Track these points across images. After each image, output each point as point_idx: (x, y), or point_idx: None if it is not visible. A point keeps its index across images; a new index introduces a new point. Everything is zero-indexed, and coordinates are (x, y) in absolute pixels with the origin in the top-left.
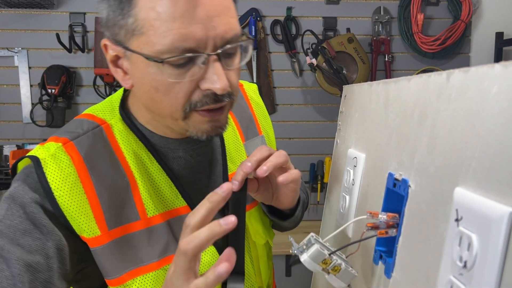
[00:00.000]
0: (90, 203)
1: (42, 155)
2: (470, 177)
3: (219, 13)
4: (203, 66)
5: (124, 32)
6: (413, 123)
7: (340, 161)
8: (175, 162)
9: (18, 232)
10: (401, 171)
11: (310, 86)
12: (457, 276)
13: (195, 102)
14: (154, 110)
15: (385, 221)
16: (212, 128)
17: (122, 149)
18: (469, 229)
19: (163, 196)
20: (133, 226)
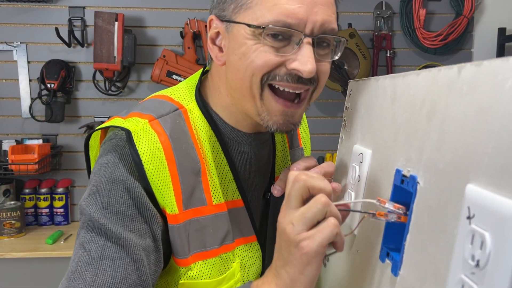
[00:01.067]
0: (172, 181)
1: (133, 128)
2: (482, 174)
3: (324, 3)
4: (296, 47)
5: (233, 7)
6: (421, 118)
7: (345, 157)
8: (239, 157)
9: (127, 219)
10: (409, 168)
11: None
12: (468, 275)
13: (274, 75)
14: (236, 85)
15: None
16: (284, 121)
17: (198, 135)
18: (482, 227)
19: (225, 186)
20: (201, 210)
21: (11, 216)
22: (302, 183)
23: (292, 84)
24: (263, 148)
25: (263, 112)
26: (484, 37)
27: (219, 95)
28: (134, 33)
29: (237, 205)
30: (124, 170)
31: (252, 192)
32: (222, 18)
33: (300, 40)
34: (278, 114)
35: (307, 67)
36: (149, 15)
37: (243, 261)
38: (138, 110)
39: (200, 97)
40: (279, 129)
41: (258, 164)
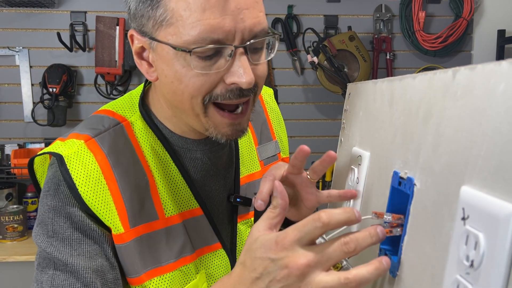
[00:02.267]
0: (114, 200)
1: (65, 152)
2: (477, 176)
3: (249, 6)
4: (229, 59)
5: (152, 23)
6: (418, 121)
7: (344, 159)
8: (192, 164)
9: (74, 243)
10: (406, 170)
11: (311, 84)
12: (463, 275)
13: (215, 95)
14: (176, 104)
15: (390, 222)
16: (232, 132)
17: (142, 147)
18: (476, 228)
19: (179, 197)
20: (152, 225)
21: (14, 220)
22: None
23: (234, 99)
24: (219, 150)
25: (210, 127)
26: (484, 39)
27: (161, 107)
28: None
29: (196, 214)
30: (63, 196)
31: (212, 198)
32: (143, 34)
33: (231, 52)
34: (226, 126)
35: (245, 78)
36: None
37: (209, 271)
38: (77, 130)
39: (144, 107)
40: (228, 139)
41: (216, 168)
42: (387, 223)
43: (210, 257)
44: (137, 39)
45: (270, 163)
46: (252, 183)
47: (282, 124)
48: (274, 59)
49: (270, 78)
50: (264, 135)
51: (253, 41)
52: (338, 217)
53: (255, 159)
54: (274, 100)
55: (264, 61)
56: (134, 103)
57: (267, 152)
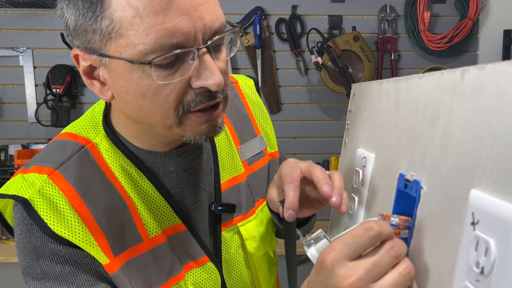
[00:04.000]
0: (90, 231)
1: (28, 194)
2: (487, 179)
3: (203, 1)
4: (192, 62)
5: (99, 37)
6: (424, 123)
7: (348, 161)
8: (167, 178)
9: (69, 276)
10: (413, 172)
11: (315, 85)
12: (473, 282)
13: (188, 102)
14: (142, 121)
15: (397, 224)
16: (209, 128)
17: (112, 169)
18: (486, 233)
19: (159, 214)
20: (137, 249)
21: None
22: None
23: (206, 102)
24: (195, 159)
25: (186, 132)
26: (489, 39)
27: (124, 123)
28: None
29: (179, 230)
30: (39, 235)
31: (194, 210)
32: (90, 51)
33: (193, 54)
34: (202, 124)
35: (214, 80)
36: None
37: (197, 286)
38: (39, 161)
39: (108, 125)
40: (206, 137)
41: (194, 179)
42: (394, 226)
43: (197, 272)
44: (83, 58)
45: (256, 161)
46: (236, 186)
47: (266, 117)
48: (278, 60)
49: (274, 79)
50: (247, 132)
51: (215, 39)
52: (388, 227)
53: (237, 161)
54: (256, 92)
55: (227, 58)
56: (97, 122)
57: (252, 151)
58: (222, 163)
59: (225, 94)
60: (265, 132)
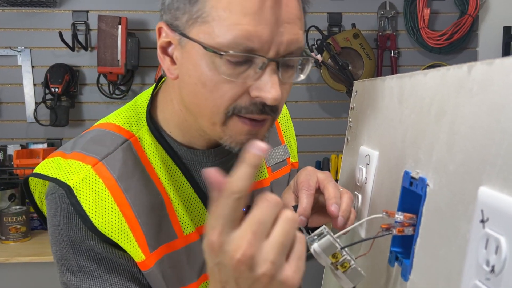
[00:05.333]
0: (130, 227)
1: (72, 181)
2: (496, 176)
3: (291, 21)
4: (259, 71)
5: (187, 18)
6: (430, 119)
7: (351, 158)
8: (203, 177)
9: (104, 274)
10: (418, 169)
11: (315, 83)
12: (483, 280)
13: (239, 107)
14: (193, 108)
15: (402, 221)
16: (248, 141)
17: (153, 164)
18: (496, 231)
19: (194, 212)
20: (172, 245)
21: (17, 221)
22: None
23: (256, 114)
24: (230, 160)
25: (225, 135)
26: (489, 36)
27: (172, 109)
28: (137, 36)
29: None
30: (77, 230)
31: None
32: (174, 28)
33: (263, 64)
34: (244, 134)
35: (272, 94)
36: (152, 18)
37: None
38: (81, 149)
39: (151, 119)
40: (241, 148)
41: None
42: (398, 223)
43: None
44: (166, 32)
45: (279, 168)
46: (259, 190)
47: (290, 127)
48: None
49: None
50: (272, 140)
51: (287, 58)
52: (243, 182)
53: (263, 166)
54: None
55: (292, 82)
56: (141, 115)
57: (275, 158)
58: None
59: (275, 114)
60: (288, 141)
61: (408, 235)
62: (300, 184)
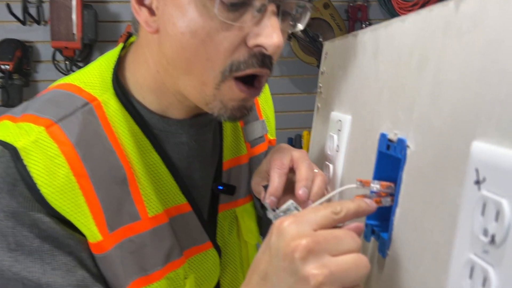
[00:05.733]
0: (87, 201)
1: (20, 143)
2: (494, 127)
3: None
4: (257, 15)
5: None
6: (410, 71)
7: (322, 127)
8: (176, 150)
9: (46, 255)
10: (397, 130)
11: (285, 57)
12: (480, 254)
13: (237, 63)
14: (179, 64)
15: (378, 191)
16: (239, 107)
17: (117, 133)
18: (496, 192)
19: (163, 191)
20: (134, 228)
21: None
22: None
23: (258, 67)
24: (206, 132)
25: (215, 100)
26: None
27: (147, 71)
28: (94, 8)
29: (183, 210)
30: (22, 200)
31: (198, 189)
32: None
33: (262, 6)
34: (237, 100)
35: (273, 40)
36: None
37: (199, 274)
38: (34, 109)
39: (118, 83)
40: (233, 116)
41: (203, 154)
42: (374, 193)
43: (200, 259)
44: None
45: (257, 145)
46: (238, 167)
47: (269, 101)
48: None
49: None
50: (251, 114)
51: (288, 1)
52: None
53: (241, 141)
54: None
55: (288, 31)
56: (106, 78)
57: (254, 133)
58: (226, 141)
59: (271, 67)
60: (266, 116)
61: (386, 206)
62: (272, 162)
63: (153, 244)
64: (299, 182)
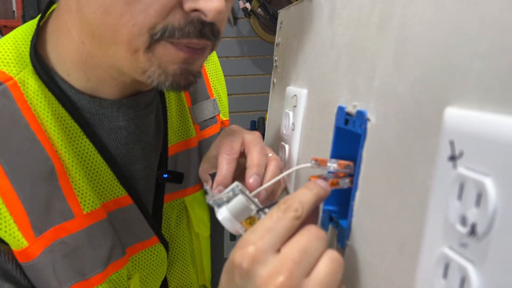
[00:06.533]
0: (5, 202)
1: None
2: (472, 88)
3: None
4: None
5: None
6: (370, 31)
7: (277, 105)
8: (113, 135)
9: None
10: (356, 101)
11: (246, 36)
12: (456, 247)
13: (172, 28)
14: (103, 32)
15: (336, 171)
16: (182, 72)
17: (40, 118)
18: (477, 170)
19: (99, 183)
20: (67, 228)
21: None
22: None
23: (194, 38)
24: (148, 114)
25: (152, 65)
26: None
27: (70, 43)
28: None
29: (123, 204)
30: None
31: (141, 179)
32: None
33: None
34: (177, 62)
35: (214, 3)
36: None
37: (144, 273)
38: None
39: (37, 58)
40: (176, 83)
41: (145, 139)
42: (332, 173)
43: (145, 256)
44: None
45: (208, 127)
46: (185, 152)
47: (221, 78)
48: None
49: None
50: (200, 92)
51: None
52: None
53: (189, 123)
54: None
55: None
56: (22, 52)
57: (204, 113)
58: (171, 123)
59: (216, 39)
60: (218, 95)
61: (345, 189)
62: (221, 147)
63: (90, 244)
64: (250, 169)
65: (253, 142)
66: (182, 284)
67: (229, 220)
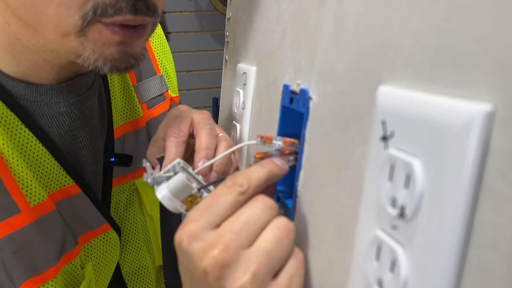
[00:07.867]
0: None
1: None
2: (403, 65)
3: None
4: None
5: None
6: (312, 6)
7: (230, 82)
8: (55, 123)
9: None
10: (299, 79)
11: (205, 10)
12: (388, 229)
13: (104, 5)
14: (28, 16)
15: (281, 148)
16: (121, 55)
17: None
18: (407, 150)
19: (44, 173)
20: (13, 223)
21: None
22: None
23: (128, 14)
24: (90, 97)
25: (86, 50)
26: None
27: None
28: None
29: (71, 193)
30: None
31: (92, 164)
32: None
33: None
34: (114, 45)
35: None
36: None
37: (97, 261)
38: None
39: None
40: (116, 67)
41: (89, 124)
42: (278, 150)
43: (97, 244)
44: None
45: (156, 105)
46: (133, 134)
47: (167, 52)
48: None
49: None
50: (145, 69)
51: None
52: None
53: (135, 102)
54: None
55: None
56: None
57: (150, 91)
58: (115, 104)
59: (154, 15)
60: (165, 70)
61: (292, 169)
62: (168, 128)
63: (40, 238)
64: (199, 152)
65: (202, 123)
66: (135, 267)
67: (168, 199)
